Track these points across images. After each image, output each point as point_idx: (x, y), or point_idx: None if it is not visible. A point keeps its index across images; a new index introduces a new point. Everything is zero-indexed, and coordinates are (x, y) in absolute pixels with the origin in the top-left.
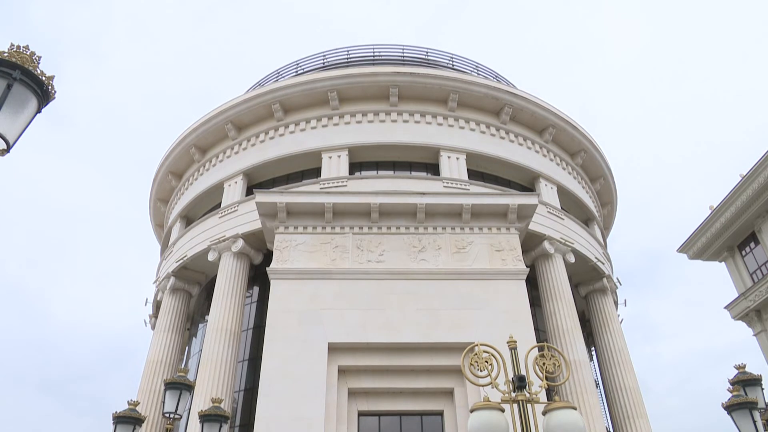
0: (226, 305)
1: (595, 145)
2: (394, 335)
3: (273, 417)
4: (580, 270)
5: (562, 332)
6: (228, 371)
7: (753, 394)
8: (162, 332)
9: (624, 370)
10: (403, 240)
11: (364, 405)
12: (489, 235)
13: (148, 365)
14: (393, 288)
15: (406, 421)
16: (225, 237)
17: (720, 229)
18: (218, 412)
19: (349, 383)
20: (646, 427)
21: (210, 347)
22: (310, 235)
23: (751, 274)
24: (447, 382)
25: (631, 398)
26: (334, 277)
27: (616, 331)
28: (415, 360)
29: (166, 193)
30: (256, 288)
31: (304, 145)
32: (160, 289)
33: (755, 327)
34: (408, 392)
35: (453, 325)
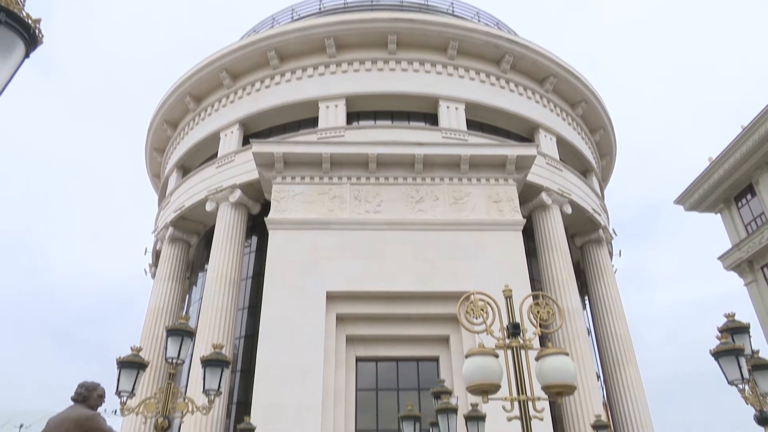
0: (225, 254)
1: (596, 95)
2: (391, 284)
3: (273, 362)
4: (576, 221)
5: (557, 282)
6: (228, 318)
7: (740, 341)
8: (162, 281)
9: (616, 319)
10: (400, 190)
11: (362, 351)
12: (487, 186)
13: (149, 313)
14: (390, 238)
15: (402, 367)
16: (222, 187)
17: (718, 180)
18: (219, 358)
19: (347, 330)
20: (636, 374)
21: (210, 295)
22: (308, 186)
23: (745, 225)
24: (443, 330)
25: (621, 346)
26: (332, 228)
27: (609, 281)
28: (411, 308)
29: (161, 143)
30: (255, 238)
31: (301, 93)
32: (159, 239)
33: (746, 277)
34: (405, 339)
35: (449, 274)
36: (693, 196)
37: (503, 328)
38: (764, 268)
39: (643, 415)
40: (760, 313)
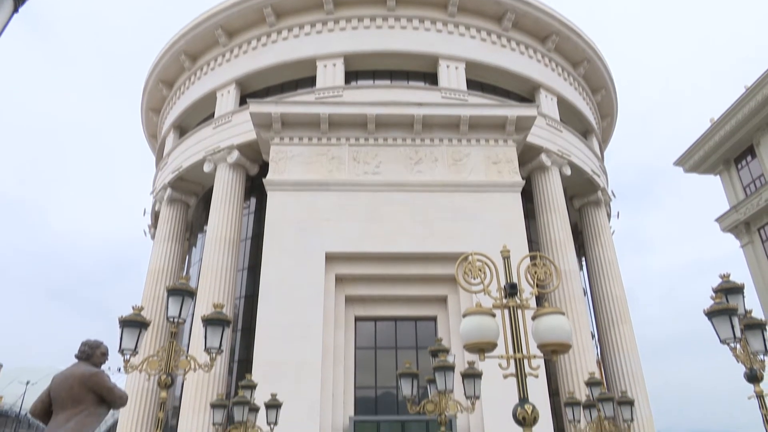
0: (224, 215)
1: (598, 54)
2: (390, 245)
3: (273, 321)
4: (575, 182)
5: (555, 243)
6: (228, 279)
7: (734, 301)
8: (162, 242)
9: (612, 280)
10: (399, 152)
11: (361, 311)
12: (486, 147)
13: (150, 273)
14: (389, 199)
15: (401, 326)
16: (220, 148)
17: (719, 141)
18: (220, 317)
19: (346, 290)
20: (629, 333)
21: (210, 256)
22: (306, 147)
23: (744, 187)
24: (441, 290)
25: (617, 306)
26: (330, 189)
27: (607, 242)
28: (410, 269)
29: (157, 103)
30: (253, 199)
31: (298, 52)
32: (158, 200)
33: (743, 239)
34: (403, 299)
35: (448, 235)
36: (693, 158)
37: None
38: (761, 229)
39: (635, 373)
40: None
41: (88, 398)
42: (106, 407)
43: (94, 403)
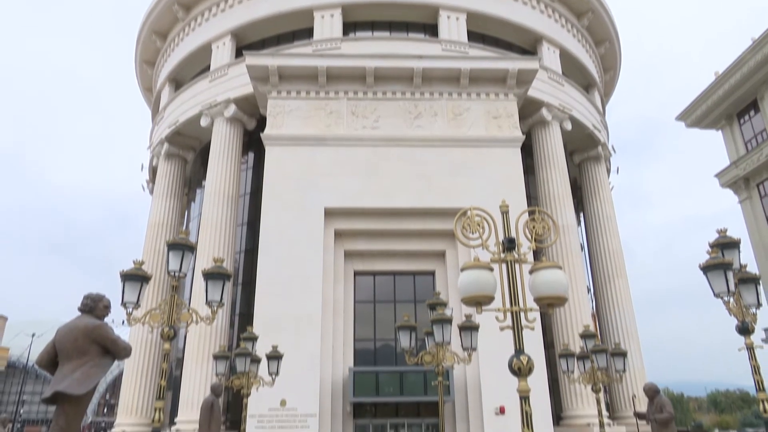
0: (222, 170)
1: (603, 5)
2: (388, 200)
3: (273, 275)
4: (575, 137)
5: (554, 198)
6: (228, 233)
7: (730, 256)
8: (160, 197)
9: (609, 235)
10: (398, 106)
11: (360, 265)
12: (486, 102)
13: (150, 228)
14: (388, 154)
15: (399, 280)
16: (216, 102)
17: (722, 96)
18: (220, 271)
19: (345, 245)
20: (625, 286)
21: (209, 210)
22: (304, 101)
23: (745, 142)
24: (439, 245)
25: (613, 260)
26: (329, 144)
27: (605, 198)
28: (409, 224)
29: (151, 55)
30: (251, 154)
31: (295, 2)
32: (155, 155)
33: (741, 194)
34: (402, 254)
35: (447, 191)
36: (695, 112)
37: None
38: (760, 185)
39: (629, 326)
40: (751, 230)
41: (92, 349)
42: (110, 358)
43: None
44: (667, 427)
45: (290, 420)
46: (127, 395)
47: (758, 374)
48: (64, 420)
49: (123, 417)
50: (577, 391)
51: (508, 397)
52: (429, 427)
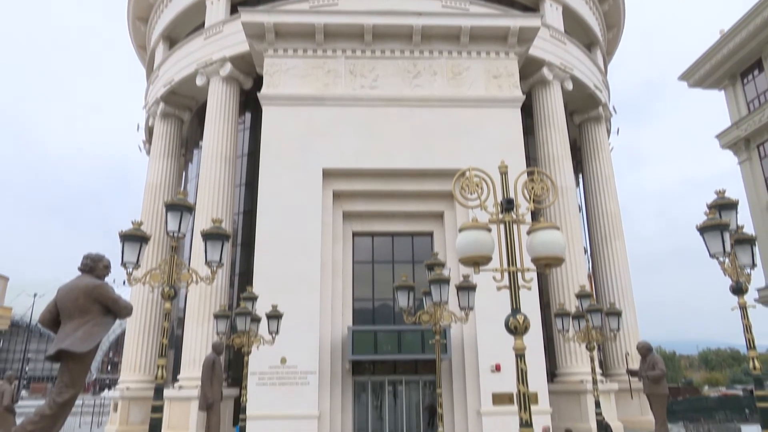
0: (219, 130)
1: None
2: (387, 161)
3: (272, 236)
4: (576, 97)
5: (553, 159)
6: (226, 194)
7: (727, 217)
8: (157, 158)
9: (608, 196)
10: (397, 65)
11: (358, 226)
12: (487, 60)
13: (147, 189)
14: (387, 114)
15: (397, 241)
16: (212, 60)
17: (727, 54)
18: (219, 231)
19: (343, 206)
20: (622, 248)
21: (206, 171)
22: (301, 59)
23: (748, 103)
24: (437, 206)
25: (610, 222)
26: (327, 104)
27: (605, 159)
28: (407, 185)
29: (144, 11)
30: (248, 114)
31: None
32: (151, 115)
33: (741, 155)
34: (400, 215)
35: (446, 151)
36: (699, 72)
37: (497, 203)
38: (760, 146)
39: (625, 286)
40: (750, 191)
41: (94, 309)
42: (112, 317)
43: (101, 313)
44: (658, 384)
45: (290, 377)
46: (130, 353)
47: (750, 333)
48: (69, 377)
49: (126, 374)
50: (571, 349)
51: (503, 355)
52: (426, 384)
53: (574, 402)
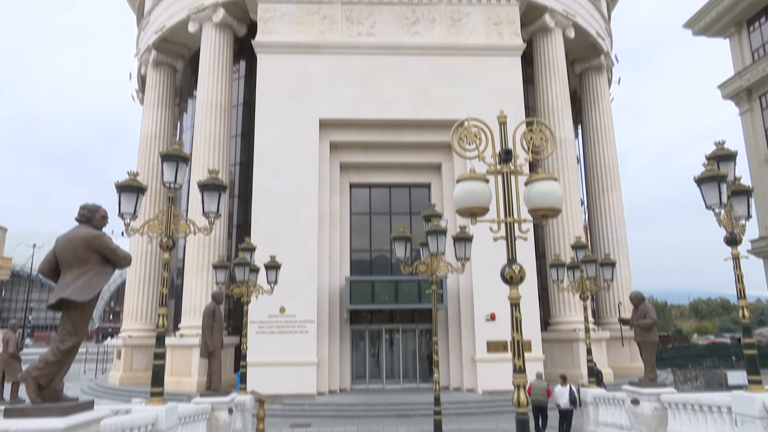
0: (213, 79)
1: None
2: (385, 111)
3: (269, 188)
4: (577, 46)
5: (552, 110)
6: (222, 145)
7: (726, 168)
8: (151, 107)
9: (606, 148)
10: (395, 11)
11: (356, 178)
12: (487, 7)
13: (142, 140)
14: (384, 63)
15: (395, 193)
16: (204, 5)
17: (734, 1)
18: (216, 182)
19: (340, 158)
20: (618, 200)
21: (201, 121)
22: (296, 5)
23: (752, 52)
24: (435, 157)
25: (608, 173)
26: (323, 52)
27: (605, 109)
28: (405, 136)
29: None
30: (243, 62)
31: None
32: (143, 63)
33: (743, 106)
34: (397, 166)
35: (444, 101)
36: (704, 19)
37: (495, 154)
38: (762, 97)
39: (620, 238)
40: (749, 143)
41: (93, 259)
42: (111, 267)
43: (100, 263)
44: (649, 332)
45: (290, 326)
46: (131, 303)
47: (741, 283)
48: (71, 325)
49: (128, 323)
50: (565, 299)
51: (498, 305)
52: (423, 332)
53: (566, 349)
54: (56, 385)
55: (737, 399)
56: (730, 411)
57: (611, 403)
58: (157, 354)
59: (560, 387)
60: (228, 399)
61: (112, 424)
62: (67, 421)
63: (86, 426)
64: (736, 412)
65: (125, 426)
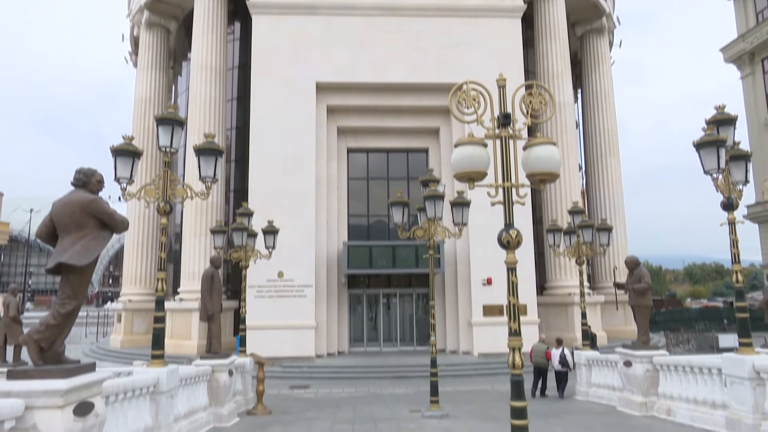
0: (208, 41)
1: None
2: (382, 74)
3: (266, 152)
4: (579, 7)
5: (552, 74)
6: (217, 109)
7: (725, 133)
8: (145, 70)
9: (606, 113)
10: None
11: (353, 142)
12: None
13: (137, 104)
14: (382, 25)
15: (392, 158)
16: None
17: None
18: (212, 147)
19: (338, 122)
20: (616, 165)
21: (196, 84)
22: None
23: (757, 14)
24: (433, 122)
25: (607, 139)
26: (319, 12)
27: (605, 72)
28: (403, 100)
29: None
30: (238, 24)
31: None
32: (135, 24)
33: (745, 69)
34: (395, 131)
35: (443, 64)
36: None
37: (494, 118)
38: (765, 60)
39: (617, 203)
40: (749, 107)
41: (90, 223)
42: (108, 231)
43: (97, 228)
44: (643, 296)
45: (288, 290)
46: (130, 267)
47: (736, 248)
48: (70, 289)
49: (128, 287)
50: (561, 263)
51: (495, 269)
52: (419, 296)
53: (561, 313)
54: (57, 348)
55: (728, 361)
56: (720, 372)
57: (604, 365)
58: (157, 318)
59: (554, 350)
60: (228, 361)
61: (114, 386)
62: (70, 382)
63: (89, 387)
64: (726, 373)
65: (127, 387)
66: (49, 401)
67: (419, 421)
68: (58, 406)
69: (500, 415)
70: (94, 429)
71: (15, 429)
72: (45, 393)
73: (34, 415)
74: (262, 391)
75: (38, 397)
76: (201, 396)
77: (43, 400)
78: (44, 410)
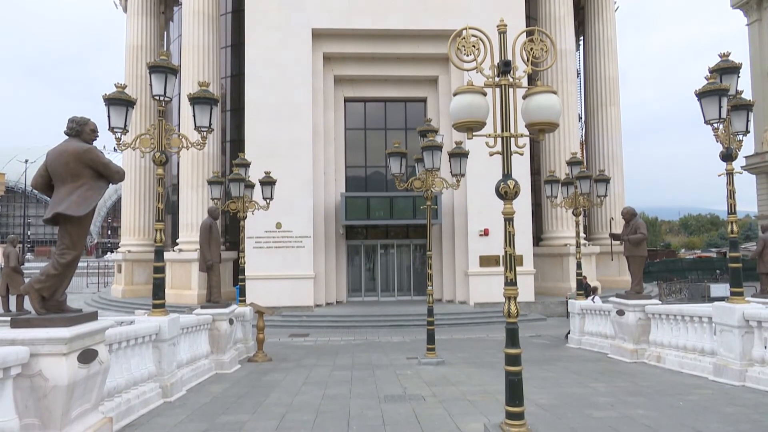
0: None
1: None
2: (380, 21)
3: (262, 102)
4: None
5: (554, 20)
6: (211, 56)
7: (728, 81)
8: (135, 15)
9: (608, 61)
10: None
11: (350, 91)
12: None
13: (128, 50)
14: None
15: (390, 107)
16: None
17: None
18: (207, 95)
19: (334, 70)
20: (616, 115)
21: (189, 30)
22: None
23: None
24: (432, 70)
25: (608, 88)
26: None
27: (609, 20)
28: (401, 48)
29: None
30: None
31: None
32: None
33: (752, 16)
34: (393, 80)
35: (441, 10)
36: None
37: (494, 65)
38: None
39: (615, 154)
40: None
41: (85, 173)
42: (104, 181)
43: (93, 178)
44: (638, 247)
45: (286, 241)
46: (128, 218)
47: (732, 198)
48: (69, 239)
49: (126, 238)
50: (558, 214)
51: (492, 220)
52: (417, 247)
53: (557, 264)
54: (59, 297)
55: (718, 309)
56: (710, 321)
57: (597, 314)
58: (156, 268)
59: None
60: (228, 311)
61: (117, 334)
62: (73, 330)
63: (91, 335)
64: (716, 322)
65: (130, 335)
66: (53, 348)
67: (416, 367)
68: (62, 353)
69: (495, 362)
70: (99, 376)
71: (21, 375)
72: (49, 341)
73: (39, 362)
74: (263, 339)
75: (42, 345)
76: (203, 344)
77: (48, 348)
78: (49, 357)
